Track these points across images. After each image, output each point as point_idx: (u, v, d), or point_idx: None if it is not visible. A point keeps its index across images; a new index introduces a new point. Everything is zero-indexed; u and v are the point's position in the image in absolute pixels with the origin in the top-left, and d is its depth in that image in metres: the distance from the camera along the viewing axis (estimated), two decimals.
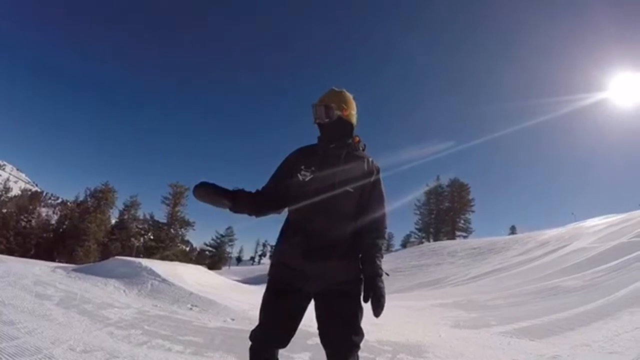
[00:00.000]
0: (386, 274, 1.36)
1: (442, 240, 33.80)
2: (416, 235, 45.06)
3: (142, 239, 34.22)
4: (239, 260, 53.36)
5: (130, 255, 20.38)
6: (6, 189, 37.61)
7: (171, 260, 22.88)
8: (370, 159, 1.52)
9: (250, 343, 1.42)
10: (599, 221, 18.02)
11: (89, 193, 32.63)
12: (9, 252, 20.69)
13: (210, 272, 10.44)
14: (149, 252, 28.83)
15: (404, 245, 41.84)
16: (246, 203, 1.46)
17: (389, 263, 19.51)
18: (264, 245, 52.88)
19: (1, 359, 2.25)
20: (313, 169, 1.46)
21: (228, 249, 46.18)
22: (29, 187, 48.06)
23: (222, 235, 44.10)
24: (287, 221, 1.53)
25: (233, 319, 4.66)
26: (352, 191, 1.43)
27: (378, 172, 1.51)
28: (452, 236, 39.74)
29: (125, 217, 34.91)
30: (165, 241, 32.45)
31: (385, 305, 1.27)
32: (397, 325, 4.90)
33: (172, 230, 34.02)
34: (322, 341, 1.38)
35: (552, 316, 5.03)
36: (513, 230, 40.47)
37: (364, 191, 1.46)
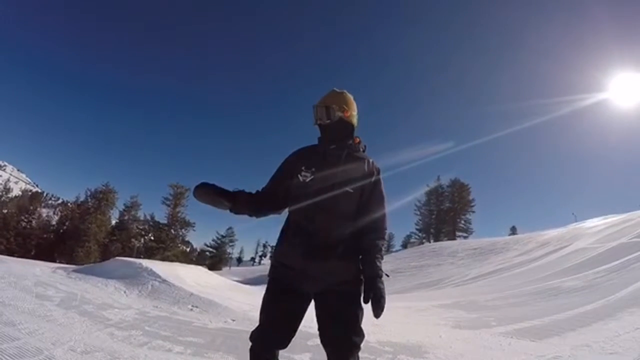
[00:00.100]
0: (386, 275, 1.36)
1: (443, 240, 33.75)
2: (417, 236, 45.11)
3: (143, 240, 34.25)
4: (239, 260, 53.26)
5: (130, 256, 20.40)
6: (7, 190, 37.69)
7: (172, 261, 22.82)
8: (370, 160, 1.53)
9: (250, 344, 1.42)
10: (600, 221, 18.00)
11: (89, 194, 32.65)
12: (10, 253, 20.63)
13: (211, 273, 10.42)
14: (150, 253, 28.81)
15: (405, 245, 41.80)
16: (246, 204, 1.47)
17: (389, 264, 19.50)
18: (265, 245, 52.78)
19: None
20: (313, 169, 1.46)
21: (228, 250, 46.21)
22: (29, 188, 48.18)
23: (223, 236, 44.12)
24: (288, 222, 1.54)
25: (234, 320, 4.66)
26: (352, 192, 1.43)
27: (378, 173, 1.51)
28: (453, 236, 39.70)
29: (126, 218, 34.90)
30: (165, 242, 32.44)
31: (386, 305, 1.27)
32: (398, 326, 4.89)
33: (173, 231, 34.02)
34: (323, 342, 1.39)
35: (553, 317, 5.03)
36: (513, 231, 40.51)
37: (364, 192, 1.46)
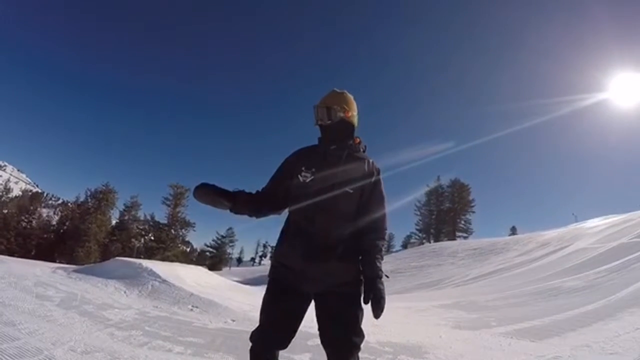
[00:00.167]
0: (386, 275, 1.36)
1: (443, 240, 33.72)
2: (417, 236, 45.04)
3: (143, 240, 34.22)
4: (239, 261, 53.23)
5: (130, 256, 20.44)
6: (7, 190, 37.67)
7: (172, 261, 22.83)
8: (370, 161, 1.52)
9: (250, 344, 1.42)
10: (600, 222, 18.01)
11: (89, 194, 32.59)
12: (10, 253, 20.62)
13: (211, 273, 10.41)
14: (150, 253, 28.81)
15: (405, 246, 41.75)
16: (246, 204, 1.47)
17: (389, 264, 19.49)
18: (265, 246, 52.74)
19: None
20: (314, 170, 1.46)
21: (228, 250, 46.16)
22: (29, 188, 48.24)
23: (223, 236, 44.09)
24: (288, 222, 1.53)
25: (234, 320, 4.66)
26: (352, 192, 1.43)
27: (378, 174, 1.51)
28: (453, 237, 39.67)
29: (126, 218, 34.87)
30: (165, 242, 32.43)
31: (386, 306, 1.27)
32: (398, 326, 4.89)
33: (173, 231, 33.99)
34: (323, 343, 1.38)
35: (553, 317, 5.03)
36: (514, 231, 40.51)
37: (364, 192, 1.46)
